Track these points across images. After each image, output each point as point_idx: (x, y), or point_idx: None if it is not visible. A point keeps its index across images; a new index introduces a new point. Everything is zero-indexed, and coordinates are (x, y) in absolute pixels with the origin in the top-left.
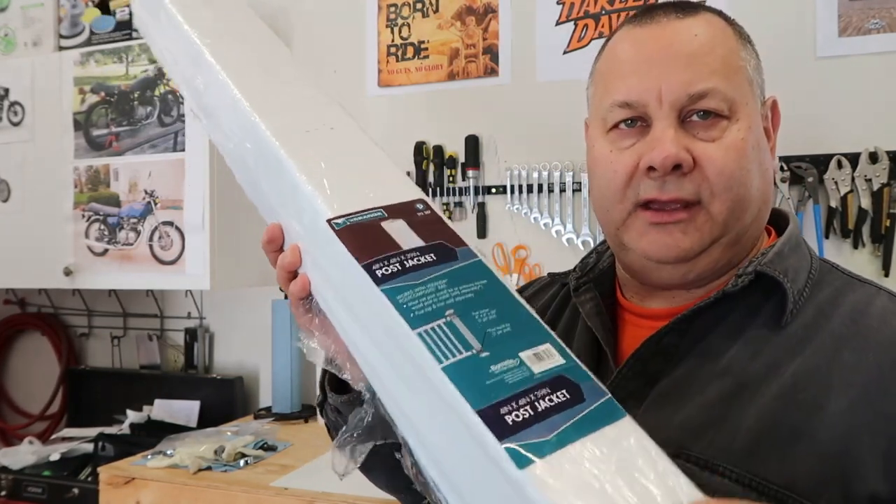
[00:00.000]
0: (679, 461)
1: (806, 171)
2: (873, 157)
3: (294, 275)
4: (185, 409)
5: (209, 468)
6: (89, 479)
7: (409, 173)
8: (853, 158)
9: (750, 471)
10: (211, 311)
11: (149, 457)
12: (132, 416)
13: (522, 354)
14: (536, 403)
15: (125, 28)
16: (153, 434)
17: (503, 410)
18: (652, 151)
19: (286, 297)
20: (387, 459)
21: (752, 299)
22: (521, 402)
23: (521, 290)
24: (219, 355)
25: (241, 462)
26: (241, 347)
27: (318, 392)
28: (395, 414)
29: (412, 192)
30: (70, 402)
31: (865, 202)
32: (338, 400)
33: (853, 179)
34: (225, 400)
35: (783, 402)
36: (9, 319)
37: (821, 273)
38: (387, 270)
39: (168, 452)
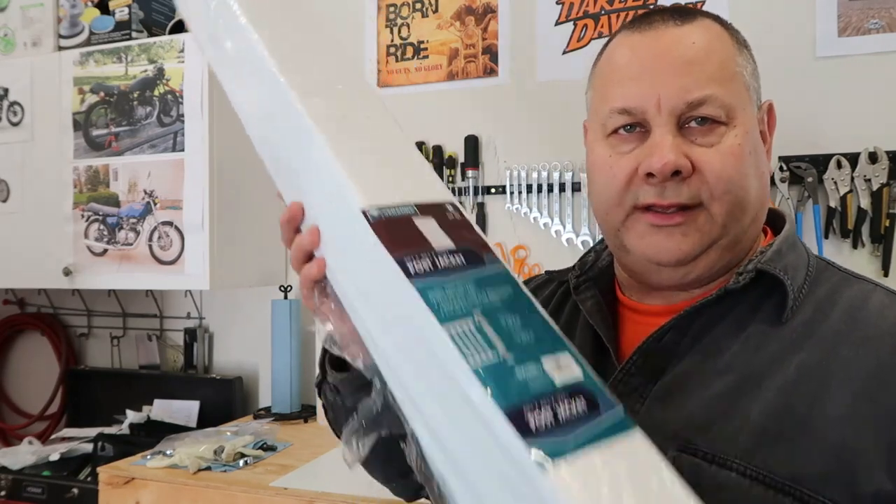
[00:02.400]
0: (686, 455)
1: (805, 171)
2: (873, 157)
3: (310, 256)
4: (184, 410)
5: (209, 468)
6: (89, 479)
7: None
8: (852, 158)
9: (756, 464)
10: (210, 312)
11: (148, 457)
12: (132, 416)
13: (544, 362)
14: (557, 411)
15: (124, 28)
16: (153, 434)
17: (527, 414)
18: (651, 158)
19: (286, 297)
20: (381, 451)
21: (753, 297)
22: (544, 407)
23: None
24: (218, 355)
25: (241, 462)
26: (240, 347)
27: (317, 371)
28: (406, 407)
29: (443, 193)
30: (69, 402)
31: (865, 202)
32: (337, 378)
33: (852, 179)
34: (224, 400)
35: (786, 396)
36: (8, 319)
37: (818, 270)
38: (419, 267)
39: (167, 452)
